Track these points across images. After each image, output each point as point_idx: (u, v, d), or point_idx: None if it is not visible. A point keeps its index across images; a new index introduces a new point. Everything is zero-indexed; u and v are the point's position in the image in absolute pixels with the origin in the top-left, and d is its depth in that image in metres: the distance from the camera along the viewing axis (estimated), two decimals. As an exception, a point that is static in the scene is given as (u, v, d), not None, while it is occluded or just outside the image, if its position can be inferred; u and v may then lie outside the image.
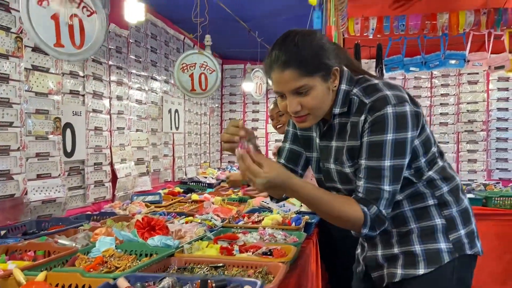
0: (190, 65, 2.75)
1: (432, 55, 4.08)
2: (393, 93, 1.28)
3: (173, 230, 1.93)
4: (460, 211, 1.40)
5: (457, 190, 1.42)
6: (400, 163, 1.28)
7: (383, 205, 1.27)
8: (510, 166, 4.93)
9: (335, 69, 1.31)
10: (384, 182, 1.27)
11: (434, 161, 1.40)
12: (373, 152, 1.28)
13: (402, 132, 1.26)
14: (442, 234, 1.37)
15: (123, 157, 3.05)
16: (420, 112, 1.32)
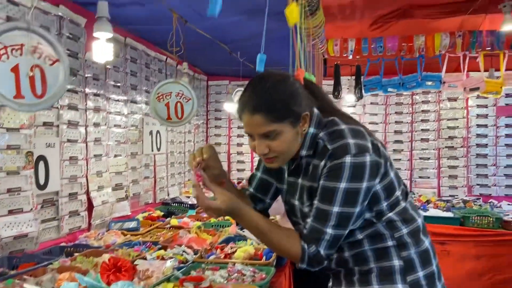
0: (166, 94, 2.77)
1: (410, 76, 4.15)
2: (355, 142, 1.32)
3: (140, 269, 1.95)
4: (419, 253, 1.42)
5: (417, 231, 1.43)
6: (349, 211, 1.32)
7: (323, 246, 1.32)
8: (490, 182, 4.99)
9: (305, 115, 1.36)
10: (328, 225, 1.31)
11: (397, 204, 1.43)
12: (325, 196, 1.32)
13: (356, 182, 1.31)
14: (399, 275, 1.40)
15: (100, 184, 3.05)
16: (380, 162, 1.35)
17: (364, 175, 1.31)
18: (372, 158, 1.32)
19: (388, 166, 1.40)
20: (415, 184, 5.28)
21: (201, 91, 5.45)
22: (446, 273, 3.81)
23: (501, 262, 3.71)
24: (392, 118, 5.37)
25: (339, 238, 1.34)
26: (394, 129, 5.37)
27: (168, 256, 2.26)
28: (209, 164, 1.43)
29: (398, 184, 1.44)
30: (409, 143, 5.33)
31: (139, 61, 3.70)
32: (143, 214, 3.56)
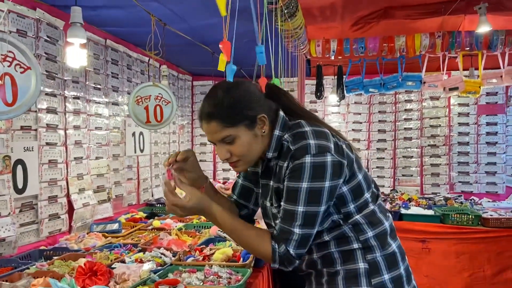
0: (144, 98, 2.77)
1: (390, 76, 4.20)
2: (316, 143, 1.35)
3: (117, 273, 1.96)
4: (385, 256, 1.43)
5: (384, 235, 1.45)
6: (314, 210, 1.34)
7: (292, 245, 1.34)
8: (472, 179, 5.08)
9: (262, 117, 1.40)
10: (295, 225, 1.34)
11: (365, 206, 1.44)
12: (289, 197, 1.35)
13: (317, 181, 1.33)
14: (365, 278, 1.42)
15: (81, 186, 3.05)
16: (342, 162, 1.37)
17: (325, 174, 1.33)
18: (333, 158, 1.34)
19: (355, 167, 1.43)
20: (398, 182, 5.35)
21: (186, 91, 5.46)
22: (427, 270, 3.89)
23: (480, 259, 3.77)
24: (376, 117, 5.43)
25: (308, 237, 1.36)
26: (378, 128, 5.43)
27: (147, 259, 2.28)
28: (185, 167, 1.50)
29: (367, 187, 1.46)
30: (393, 141, 5.39)
31: (121, 63, 3.69)
32: (126, 215, 3.56)
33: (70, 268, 2.12)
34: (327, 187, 1.34)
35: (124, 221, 3.37)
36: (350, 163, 1.41)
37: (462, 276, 3.82)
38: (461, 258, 3.84)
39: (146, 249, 2.48)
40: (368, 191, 1.47)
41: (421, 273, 3.88)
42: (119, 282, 1.92)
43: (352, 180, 1.42)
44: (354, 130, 5.48)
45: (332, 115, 5.56)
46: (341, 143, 1.41)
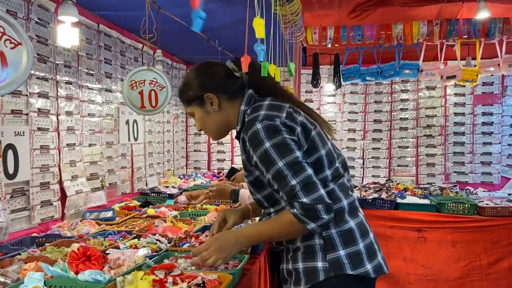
0: (139, 82, 2.71)
1: (387, 65, 4.16)
2: (266, 113, 1.47)
3: (111, 258, 1.91)
4: (341, 233, 1.48)
5: (340, 212, 1.50)
6: (291, 158, 1.41)
7: (301, 196, 1.38)
8: (467, 169, 5.08)
9: (208, 95, 1.56)
10: (288, 179, 1.39)
11: (324, 184, 1.48)
12: (266, 164, 1.43)
13: (276, 137, 1.42)
14: (320, 253, 1.48)
15: (74, 173, 2.99)
16: (293, 127, 1.45)
17: (278, 130, 1.43)
18: (282, 121, 1.44)
19: (316, 142, 1.50)
20: (393, 173, 5.34)
21: (180, 80, 5.38)
22: (423, 260, 3.88)
23: (477, 248, 3.77)
24: (372, 107, 5.40)
25: (308, 180, 1.39)
26: (374, 118, 5.40)
27: (141, 245, 2.23)
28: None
29: (329, 164, 1.51)
30: (388, 132, 5.37)
31: (114, 49, 3.61)
32: (119, 204, 3.51)
33: (63, 254, 2.06)
34: (287, 138, 1.42)
35: (118, 209, 3.31)
36: (306, 133, 1.48)
37: (459, 265, 3.81)
38: (457, 247, 3.83)
39: (141, 236, 2.43)
40: (330, 168, 1.51)
41: (417, 262, 3.87)
42: (114, 267, 1.87)
43: (313, 154, 1.48)
44: (349, 120, 5.45)
45: (327, 105, 5.53)
46: (301, 117, 1.50)
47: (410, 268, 3.89)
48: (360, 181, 5.31)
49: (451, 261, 3.83)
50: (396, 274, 3.91)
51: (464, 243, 3.82)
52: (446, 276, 3.82)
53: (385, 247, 3.95)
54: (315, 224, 1.39)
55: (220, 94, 1.58)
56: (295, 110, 1.53)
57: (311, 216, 1.38)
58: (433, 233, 3.87)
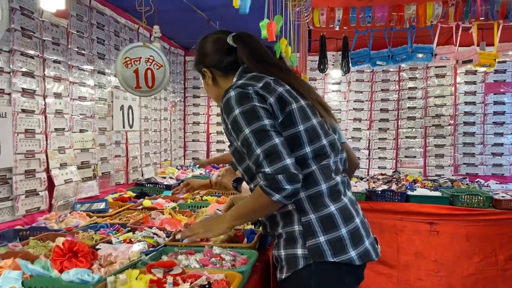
0: (134, 60, 2.46)
1: (399, 48, 3.92)
2: (243, 82, 1.47)
3: (102, 254, 1.68)
4: (320, 218, 1.43)
5: (318, 196, 1.44)
6: (258, 125, 1.37)
7: (264, 165, 1.34)
8: (477, 161, 4.87)
9: (204, 70, 1.63)
10: (254, 148, 1.36)
11: (302, 165, 1.42)
12: (236, 131, 1.42)
13: (245, 104, 1.40)
14: (300, 240, 1.44)
15: (62, 161, 2.74)
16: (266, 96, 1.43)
17: (249, 98, 1.41)
18: (255, 89, 1.43)
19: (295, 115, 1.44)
20: (400, 164, 5.12)
21: (177, 66, 5.12)
22: (435, 255, 3.66)
23: (493, 243, 3.56)
24: (378, 96, 5.17)
25: (273, 150, 1.34)
26: (380, 107, 5.17)
27: (137, 239, 1.99)
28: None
29: (309, 141, 1.45)
30: (395, 121, 5.15)
31: (107, 28, 3.35)
32: (113, 195, 3.27)
33: (47, 249, 1.83)
34: (257, 105, 1.40)
35: (112, 200, 3.07)
36: (282, 104, 1.44)
37: (473, 260, 3.60)
38: (471, 241, 3.62)
39: (136, 229, 2.20)
40: (311, 146, 1.45)
41: (429, 257, 3.67)
42: (104, 265, 1.63)
43: (289, 128, 1.43)
44: (355, 109, 5.22)
45: (332, 94, 5.29)
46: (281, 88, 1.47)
47: (422, 263, 3.69)
48: (365, 173, 5.09)
49: (465, 256, 3.62)
50: (406, 270, 3.70)
51: (478, 237, 3.61)
52: (459, 272, 3.62)
53: (395, 241, 3.75)
54: (279, 196, 1.34)
55: (215, 69, 1.61)
56: (279, 82, 1.51)
57: (274, 187, 1.33)
58: (446, 227, 3.66)
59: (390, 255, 3.73)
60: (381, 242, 3.88)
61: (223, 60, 1.59)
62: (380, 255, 1.55)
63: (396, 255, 3.74)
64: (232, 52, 1.59)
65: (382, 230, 3.73)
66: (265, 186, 1.35)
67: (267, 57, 1.61)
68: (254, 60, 1.57)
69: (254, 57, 1.58)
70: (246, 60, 1.57)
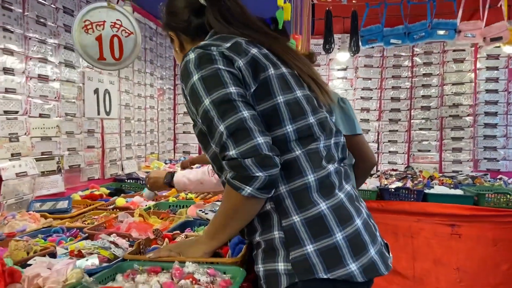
0: (96, 24, 1.97)
1: (417, 24, 3.41)
2: (205, 42, 1.18)
3: (26, 275, 1.20)
4: (306, 220, 1.09)
5: (303, 191, 1.11)
6: (220, 94, 1.07)
7: (229, 147, 1.05)
8: (499, 155, 4.38)
9: (169, 33, 1.38)
10: (215, 124, 1.07)
11: (284, 148, 1.12)
12: (194, 103, 1.12)
13: (207, 67, 1.11)
14: (282, 250, 1.10)
15: (14, 151, 2.26)
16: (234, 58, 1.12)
17: (211, 60, 1.11)
18: (220, 50, 1.13)
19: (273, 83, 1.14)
20: (413, 159, 4.64)
21: (166, 50, 4.63)
22: (457, 261, 3.13)
23: (523, 249, 3.09)
24: (389, 83, 4.68)
25: (239, 127, 1.04)
26: (391, 96, 4.69)
27: (89, 251, 1.51)
28: None
29: (292, 117, 1.13)
30: (408, 111, 4.66)
31: (77, -4, 2.86)
32: (84, 192, 2.79)
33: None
34: (222, 69, 1.10)
35: (79, 198, 2.60)
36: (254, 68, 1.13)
37: (500, 269, 3.14)
38: (499, 247, 3.15)
39: (93, 236, 1.72)
40: (293, 124, 1.13)
41: (450, 265, 3.20)
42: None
43: (265, 100, 1.12)
44: (363, 98, 4.74)
45: (337, 81, 4.80)
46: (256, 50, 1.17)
47: (441, 271, 3.22)
48: (374, 169, 4.60)
49: (492, 263, 3.16)
50: (424, 279, 3.23)
51: (507, 242, 3.15)
52: (485, 282, 3.16)
53: (410, 245, 3.29)
54: (251, 188, 1.04)
55: (182, 33, 1.35)
56: (254, 44, 1.19)
57: (242, 177, 1.04)
58: (470, 229, 3.19)
59: (405, 262, 3.27)
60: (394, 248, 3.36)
61: (191, 21, 1.31)
62: (392, 266, 1.20)
63: (412, 262, 3.27)
64: (203, 13, 1.30)
65: (395, 233, 3.27)
66: (232, 178, 1.06)
67: (244, 18, 1.29)
68: (223, 21, 1.26)
69: (224, 17, 1.27)
70: (212, 20, 1.26)
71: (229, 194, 1.10)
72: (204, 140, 1.19)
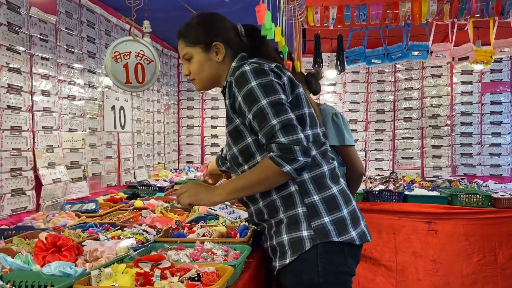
0: (124, 54, 2.40)
1: (395, 46, 3.87)
2: (256, 60, 1.48)
3: (87, 250, 1.60)
4: (323, 199, 1.45)
5: (321, 177, 1.47)
6: (275, 98, 1.38)
7: (279, 135, 1.35)
8: (475, 161, 4.81)
9: (217, 44, 1.53)
10: (269, 118, 1.36)
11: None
12: (249, 102, 1.40)
13: (262, 77, 1.41)
14: (305, 221, 1.44)
15: (50, 160, 2.66)
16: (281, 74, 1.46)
17: (265, 72, 1.42)
18: (270, 67, 1.45)
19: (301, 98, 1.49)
20: (398, 165, 5.06)
21: (171, 68, 5.07)
22: (434, 253, 3.58)
23: (491, 242, 3.49)
24: (374, 97, 5.12)
25: (290, 123, 1.36)
26: (376, 108, 5.12)
27: (125, 236, 1.91)
28: None
29: (311, 125, 1.50)
30: (392, 122, 5.10)
31: (98, 27, 3.29)
32: (104, 196, 3.18)
33: (31, 247, 1.74)
34: (274, 81, 1.42)
35: (102, 201, 2.99)
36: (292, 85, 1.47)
37: (472, 260, 3.53)
38: (470, 241, 3.55)
39: (125, 227, 2.12)
40: (312, 129, 1.50)
41: (427, 257, 3.59)
42: (90, 260, 1.55)
43: (296, 109, 1.46)
44: (351, 110, 5.17)
45: (327, 95, 5.24)
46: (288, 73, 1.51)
47: (420, 263, 3.61)
48: (362, 175, 5.01)
49: (464, 255, 3.55)
50: (405, 270, 3.62)
51: (477, 236, 3.54)
52: (458, 272, 3.55)
53: (392, 240, 3.68)
54: (290, 167, 1.34)
55: (227, 48, 1.56)
56: (284, 68, 1.54)
57: (287, 158, 1.34)
58: (445, 226, 3.59)
59: (388, 255, 3.66)
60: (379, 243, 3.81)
61: (237, 43, 1.58)
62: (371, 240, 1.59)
63: (394, 255, 3.66)
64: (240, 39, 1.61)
65: (379, 230, 3.66)
66: (277, 157, 1.34)
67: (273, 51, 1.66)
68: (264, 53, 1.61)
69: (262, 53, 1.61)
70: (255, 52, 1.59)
71: (268, 167, 1.37)
72: (237, 136, 1.51)
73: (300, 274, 1.44)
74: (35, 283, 1.25)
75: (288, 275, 1.47)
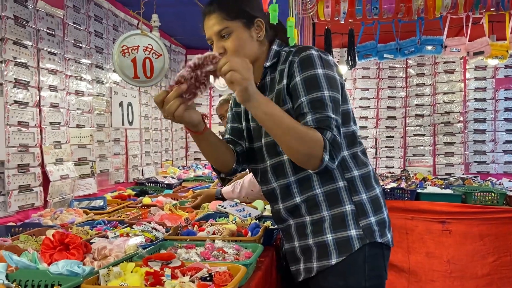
0: (132, 48, 2.35)
1: (407, 40, 3.78)
2: (319, 49, 1.40)
3: (96, 247, 1.55)
4: (370, 198, 1.40)
5: (368, 177, 1.42)
6: (337, 95, 1.33)
7: (336, 131, 1.28)
8: (488, 159, 4.72)
9: (259, 21, 1.40)
10: (329, 110, 1.28)
11: (353, 143, 1.41)
12: (310, 86, 1.31)
13: (329, 69, 1.35)
14: (352, 220, 1.37)
15: (58, 156, 2.63)
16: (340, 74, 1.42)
17: (333, 67, 1.37)
18: (334, 61, 1.41)
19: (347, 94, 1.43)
20: (409, 163, 4.97)
21: (178, 65, 5.02)
22: (448, 255, 3.49)
23: (507, 242, 3.40)
24: (385, 93, 5.04)
25: (339, 125, 1.33)
26: (387, 105, 5.04)
27: (134, 234, 1.86)
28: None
29: (354, 122, 1.45)
30: (403, 119, 5.01)
31: (106, 22, 3.25)
32: (112, 193, 3.15)
33: (38, 244, 1.70)
34: (337, 78, 1.37)
35: (110, 198, 2.95)
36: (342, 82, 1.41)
37: (487, 260, 3.44)
38: (485, 241, 3.46)
39: (133, 224, 2.07)
40: (354, 126, 1.45)
41: (441, 258, 3.51)
42: (98, 258, 1.51)
43: (344, 104, 1.39)
44: (361, 107, 5.09)
45: (337, 92, 5.16)
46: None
47: (434, 263, 3.53)
48: (373, 172, 4.94)
49: (479, 256, 3.46)
50: (417, 271, 3.55)
51: (493, 236, 3.45)
52: (473, 273, 3.46)
53: (405, 240, 3.60)
54: (329, 161, 1.27)
55: (267, 28, 1.45)
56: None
57: (334, 152, 1.28)
58: (459, 225, 3.50)
59: (400, 255, 3.58)
60: (391, 242, 3.70)
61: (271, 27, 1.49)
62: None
63: (407, 256, 3.58)
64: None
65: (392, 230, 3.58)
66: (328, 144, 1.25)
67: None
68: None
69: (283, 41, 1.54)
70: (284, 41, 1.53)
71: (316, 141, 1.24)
72: None
73: (346, 277, 1.36)
74: (42, 282, 1.21)
75: (330, 277, 1.37)
